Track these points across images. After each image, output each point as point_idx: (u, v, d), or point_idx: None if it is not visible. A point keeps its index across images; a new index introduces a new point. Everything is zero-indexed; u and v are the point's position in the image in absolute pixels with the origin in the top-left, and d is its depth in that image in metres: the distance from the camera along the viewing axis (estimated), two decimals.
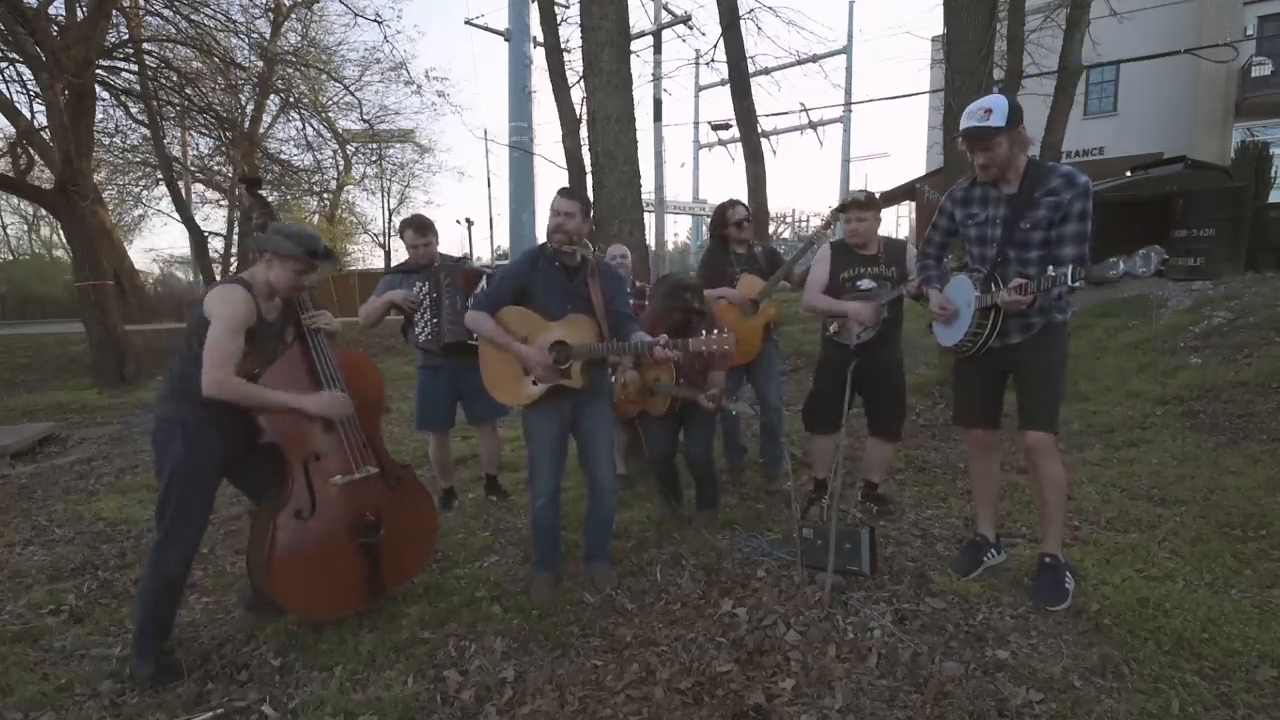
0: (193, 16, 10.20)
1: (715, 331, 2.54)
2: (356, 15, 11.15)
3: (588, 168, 4.74)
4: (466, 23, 12.59)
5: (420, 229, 3.60)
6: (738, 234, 3.85)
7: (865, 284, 3.26)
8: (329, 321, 2.61)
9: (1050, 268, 2.35)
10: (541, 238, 2.81)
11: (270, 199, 2.78)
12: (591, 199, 4.66)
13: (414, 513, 2.75)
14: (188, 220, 18.00)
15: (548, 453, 2.76)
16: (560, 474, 2.82)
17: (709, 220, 4.10)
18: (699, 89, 21.10)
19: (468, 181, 60.75)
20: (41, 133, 10.02)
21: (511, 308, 2.73)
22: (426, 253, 3.61)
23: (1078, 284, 2.28)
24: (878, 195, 3.41)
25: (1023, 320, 2.52)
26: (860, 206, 3.25)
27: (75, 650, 2.56)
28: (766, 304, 3.79)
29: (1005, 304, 2.42)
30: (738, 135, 9.21)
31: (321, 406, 2.44)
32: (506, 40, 10.75)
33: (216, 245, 20.09)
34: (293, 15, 15.70)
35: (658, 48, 10.58)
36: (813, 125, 18.46)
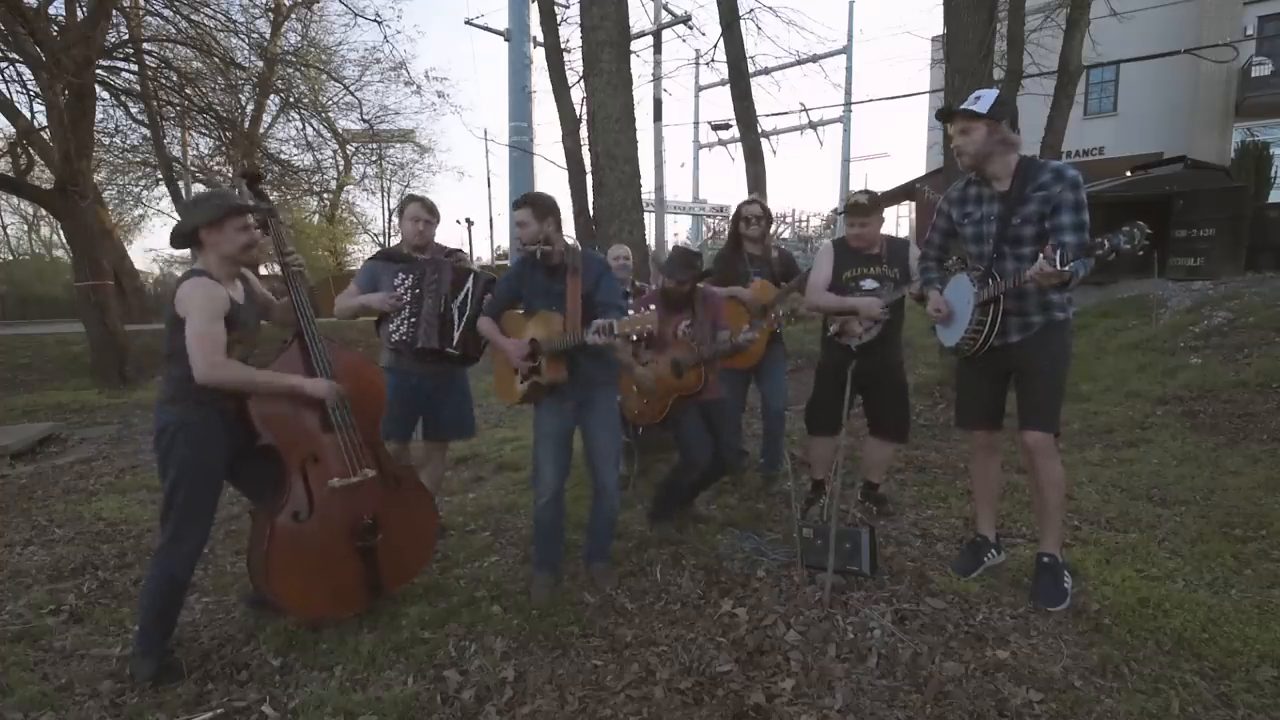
0: (193, 16, 10.19)
1: (643, 309, 2.57)
2: (356, 15, 11.13)
3: (588, 168, 4.74)
4: (466, 23, 12.62)
5: (430, 207, 3.30)
6: (745, 229, 3.85)
7: (868, 284, 3.25)
8: (303, 263, 2.67)
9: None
10: None
11: (271, 197, 2.77)
12: (591, 199, 4.67)
13: (414, 514, 2.74)
14: None
15: (551, 451, 2.79)
16: (564, 473, 2.83)
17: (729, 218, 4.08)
18: (699, 89, 21.10)
19: (468, 181, 60.68)
20: (41, 133, 10.01)
21: (510, 311, 2.92)
22: (427, 232, 3.29)
23: (1066, 269, 2.19)
24: (878, 195, 3.39)
25: (1023, 319, 2.51)
26: (864, 211, 3.23)
27: (75, 650, 2.55)
28: (775, 310, 3.78)
29: (1036, 277, 2.26)
30: (738, 135, 9.19)
31: (321, 390, 2.43)
32: (506, 40, 10.76)
33: None
34: (293, 15, 15.69)
35: (658, 48, 10.58)
36: (813, 125, 18.47)
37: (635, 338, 2.49)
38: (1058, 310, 2.50)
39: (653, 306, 2.49)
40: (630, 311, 2.64)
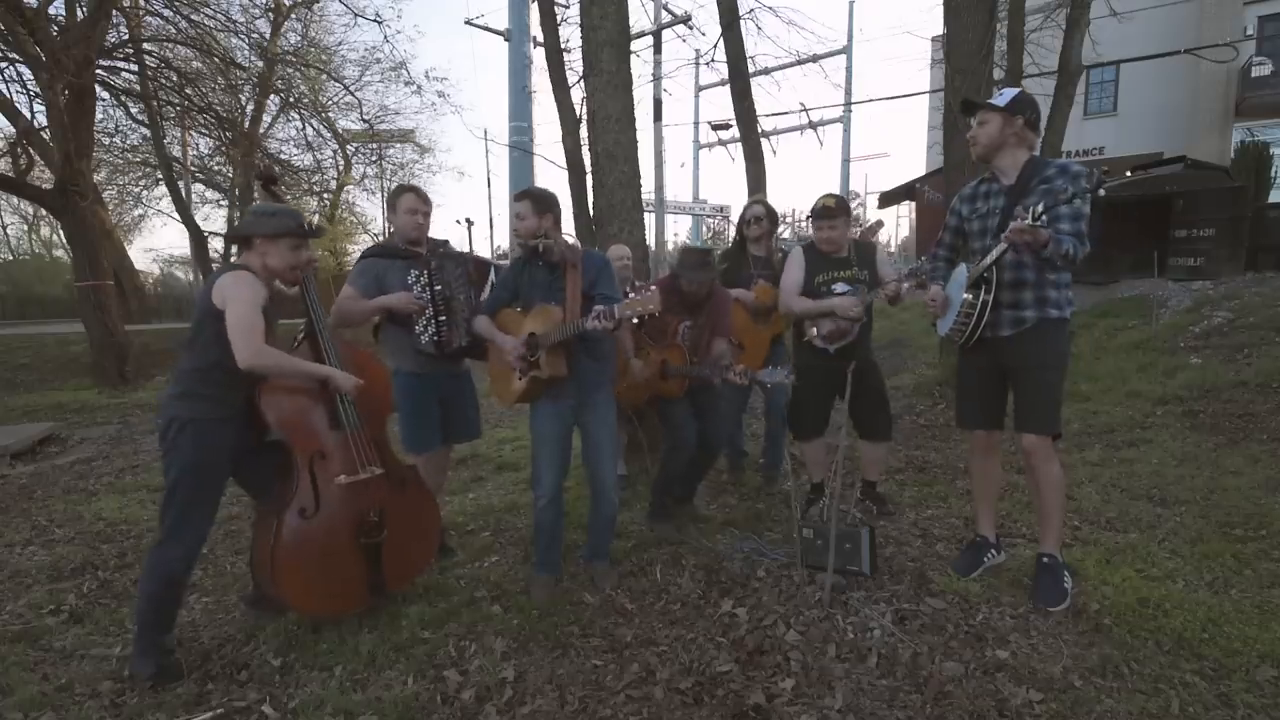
0: (193, 16, 10.21)
1: (644, 291, 2.44)
2: (356, 15, 11.16)
3: (588, 168, 4.73)
4: (467, 23, 12.57)
5: (425, 198, 3.08)
6: (748, 230, 3.84)
7: (840, 288, 3.26)
8: (314, 259, 2.69)
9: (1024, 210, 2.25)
10: None
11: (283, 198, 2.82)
12: (591, 199, 4.66)
13: (417, 514, 2.75)
14: (188, 220, 18.01)
15: (549, 452, 2.78)
16: (563, 474, 2.83)
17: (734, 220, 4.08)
18: (699, 89, 21.03)
19: (468, 181, 60.53)
20: (41, 133, 10.01)
21: (506, 310, 2.90)
22: (425, 224, 3.08)
23: (1039, 222, 2.18)
24: (845, 198, 3.40)
25: (1015, 312, 2.51)
26: (831, 214, 3.25)
27: (75, 650, 2.55)
28: (778, 314, 3.78)
29: (1012, 236, 2.26)
30: (738, 135, 9.17)
31: (346, 382, 2.49)
32: (506, 40, 10.73)
33: (216, 245, 20.08)
34: (293, 15, 15.70)
35: (658, 48, 10.58)
36: (813, 125, 18.41)
37: (636, 320, 2.45)
38: (1052, 308, 2.49)
39: (654, 288, 2.45)
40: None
